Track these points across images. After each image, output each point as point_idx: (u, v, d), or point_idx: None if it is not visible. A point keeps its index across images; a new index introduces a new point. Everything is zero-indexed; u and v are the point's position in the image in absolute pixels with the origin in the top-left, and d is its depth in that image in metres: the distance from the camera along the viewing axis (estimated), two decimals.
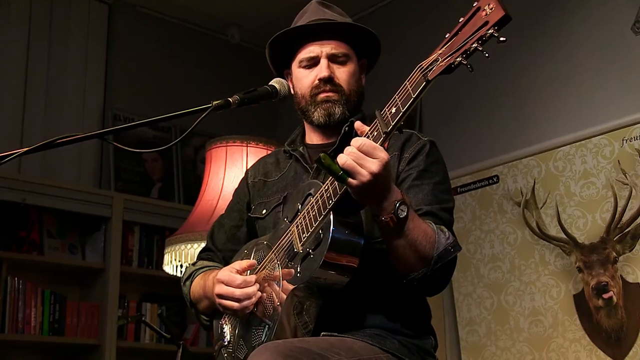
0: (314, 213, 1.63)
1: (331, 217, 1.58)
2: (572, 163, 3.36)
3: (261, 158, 2.10)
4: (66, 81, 4.31)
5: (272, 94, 1.83)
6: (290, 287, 1.64)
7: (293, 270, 1.65)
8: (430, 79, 1.45)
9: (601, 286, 3.19)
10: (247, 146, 3.06)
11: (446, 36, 1.46)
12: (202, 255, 2.06)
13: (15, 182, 3.75)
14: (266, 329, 1.68)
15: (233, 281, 1.71)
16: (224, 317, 1.87)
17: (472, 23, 1.41)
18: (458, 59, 1.41)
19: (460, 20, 1.44)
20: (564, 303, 3.30)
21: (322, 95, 1.84)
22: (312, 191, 1.69)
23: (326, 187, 1.61)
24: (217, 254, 2.02)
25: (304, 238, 1.65)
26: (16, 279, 3.73)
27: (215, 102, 1.70)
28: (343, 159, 1.50)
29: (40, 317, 3.78)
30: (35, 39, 4.24)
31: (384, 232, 1.59)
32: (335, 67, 1.85)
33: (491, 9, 1.38)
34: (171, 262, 3.01)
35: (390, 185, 1.55)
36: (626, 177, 3.16)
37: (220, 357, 1.85)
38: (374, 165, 1.48)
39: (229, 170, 3.02)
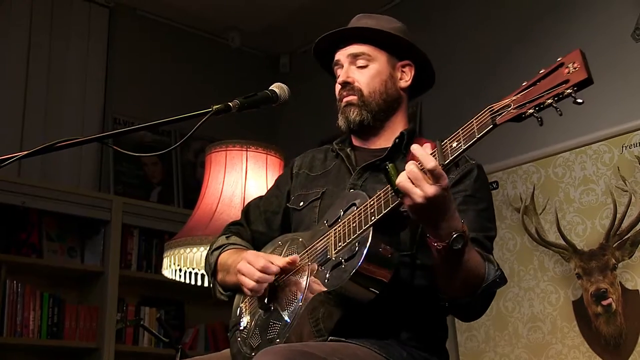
0: (354, 225, 1.62)
1: (370, 233, 1.57)
2: (572, 169, 3.36)
3: (310, 150, 2.09)
4: (66, 85, 4.31)
5: (272, 99, 1.83)
6: (318, 290, 1.65)
7: (322, 275, 1.65)
8: (497, 123, 1.45)
9: (600, 293, 3.19)
10: (246, 151, 3.05)
11: (523, 84, 1.44)
12: (231, 228, 2.05)
13: (15, 185, 3.76)
14: (285, 326, 1.68)
15: (255, 262, 1.72)
16: (245, 301, 1.88)
17: (552, 77, 1.39)
18: (530, 111, 1.41)
19: (540, 72, 1.42)
20: (563, 309, 3.30)
21: (343, 101, 1.88)
22: (357, 202, 1.67)
23: (372, 202, 1.59)
24: (247, 229, 2.02)
25: (339, 246, 1.64)
26: (15, 281, 3.73)
27: (215, 107, 1.69)
28: (401, 178, 1.47)
29: (39, 320, 3.78)
30: (36, 43, 4.24)
31: (435, 255, 1.56)
32: (356, 70, 1.88)
33: (575, 68, 1.38)
34: (170, 266, 3.00)
35: (448, 213, 1.50)
36: (626, 183, 3.16)
37: (233, 338, 1.86)
38: (430, 189, 1.45)
39: (228, 174, 3.02)
